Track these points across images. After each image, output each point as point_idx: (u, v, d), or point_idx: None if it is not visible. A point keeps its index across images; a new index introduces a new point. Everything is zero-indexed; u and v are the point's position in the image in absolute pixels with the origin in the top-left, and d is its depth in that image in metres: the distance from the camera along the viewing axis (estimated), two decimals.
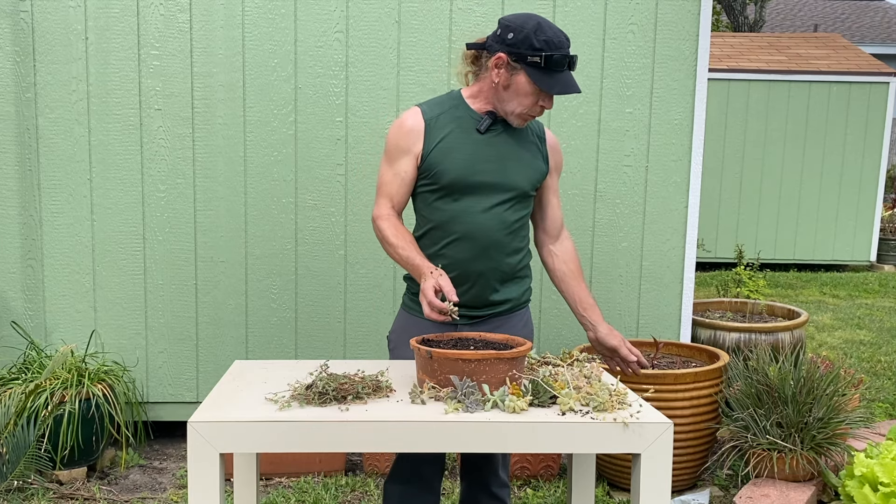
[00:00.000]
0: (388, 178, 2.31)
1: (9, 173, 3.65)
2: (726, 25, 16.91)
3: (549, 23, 2.19)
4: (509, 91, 2.20)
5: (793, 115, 8.97)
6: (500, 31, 2.19)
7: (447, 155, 2.24)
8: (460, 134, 2.25)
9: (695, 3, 3.69)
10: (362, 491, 3.38)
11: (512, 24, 2.17)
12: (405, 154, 2.26)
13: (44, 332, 3.71)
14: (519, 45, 2.14)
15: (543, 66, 2.14)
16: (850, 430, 3.18)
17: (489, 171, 2.25)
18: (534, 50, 2.13)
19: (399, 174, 2.28)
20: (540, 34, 2.14)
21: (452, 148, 2.24)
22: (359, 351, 3.80)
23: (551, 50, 2.14)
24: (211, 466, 1.74)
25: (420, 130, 2.25)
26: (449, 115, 2.27)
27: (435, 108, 2.29)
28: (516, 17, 2.20)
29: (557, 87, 2.16)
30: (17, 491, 3.20)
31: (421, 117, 2.26)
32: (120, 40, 3.60)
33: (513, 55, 2.16)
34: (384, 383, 2.00)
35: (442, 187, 2.26)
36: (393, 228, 2.28)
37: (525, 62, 2.15)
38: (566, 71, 2.18)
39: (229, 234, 3.72)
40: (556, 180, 2.42)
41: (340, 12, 3.64)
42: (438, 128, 2.25)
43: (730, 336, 3.99)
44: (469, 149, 2.24)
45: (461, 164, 2.23)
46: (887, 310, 7.35)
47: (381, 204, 2.33)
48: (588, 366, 2.07)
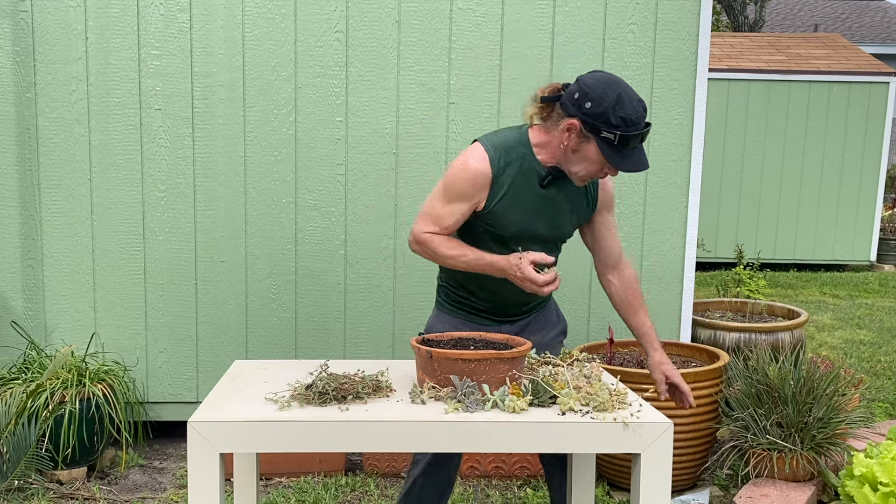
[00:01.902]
0: (442, 212, 2.27)
1: (9, 173, 3.65)
2: (726, 25, 16.91)
3: (630, 94, 2.12)
4: (577, 155, 2.18)
5: (793, 115, 8.96)
6: (578, 94, 2.12)
7: (508, 210, 2.26)
8: (523, 188, 2.26)
9: (695, 3, 3.69)
10: (362, 491, 3.38)
11: (591, 93, 2.11)
12: (466, 200, 2.25)
13: (44, 332, 3.71)
14: (595, 117, 2.10)
15: (616, 144, 2.11)
16: (850, 430, 3.18)
17: (545, 225, 2.32)
18: (610, 126, 2.09)
19: (454, 214, 2.26)
20: (619, 110, 2.08)
21: (514, 203, 2.26)
22: (359, 351, 3.80)
23: (627, 128, 2.09)
24: (211, 466, 1.74)
25: (486, 182, 2.23)
26: (515, 166, 2.24)
27: (502, 154, 2.24)
28: (597, 83, 2.13)
29: (626, 165, 2.14)
30: (18, 491, 3.20)
31: (488, 165, 2.22)
32: (120, 40, 3.60)
33: (587, 125, 2.12)
34: (384, 383, 2.00)
35: (496, 235, 2.31)
36: (444, 241, 2.28)
37: (598, 135, 2.12)
38: (638, 147, 2.15)
39: (229, 234, 3.72)
40: (608, 216, 2.42)
41: (340, 12, 3.64)
42: (503, 181, 2.24)
43: (730, 336, 3.99)
44: (529, 204, 2.27)
45: (519, 220, 2.28)
46: (887, 310, 7.34)
47: (427, 226, 2.29)
48: (588, 366, 2.07)
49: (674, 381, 2.36)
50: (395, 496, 3.32)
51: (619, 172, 2.20)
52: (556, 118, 2.20)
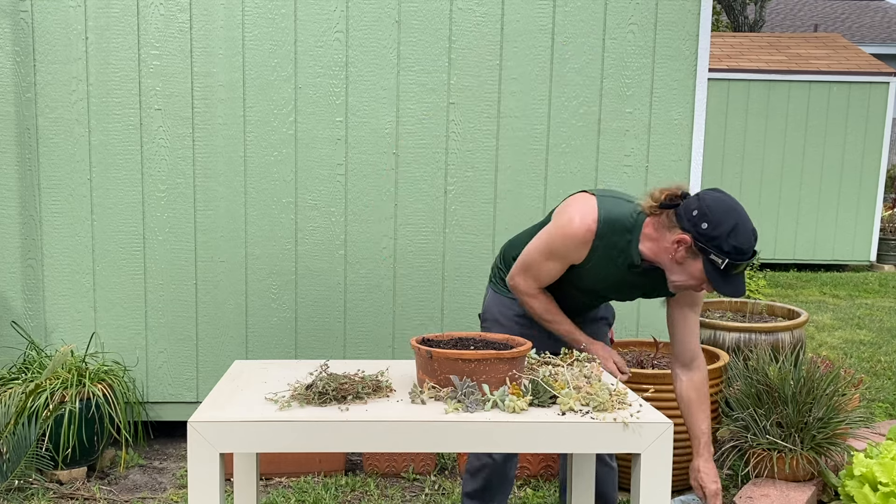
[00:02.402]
0: (541, 268, 2.41)
1: (9, 173, 3.65)
2: (726, 25, 16.91)
3: (746, 224, 2.15)
4: (680, 267, 2.22)
5: (793, 115, 8.96)
6: (697, 212, 2.15)
7: (589, 273, 2.39)
8: (611, 264, 2.35)
9: (695, 2, 3.69)
10: (362, 491, 3.38)
11: (710, 216, 2.13)
12: (564, 260, 2.38)
13: (44, 332, 3.71)
14: (709, 239, 2.13)
15: (722, 269, 2.15)
16: (850, 430, 3.18)
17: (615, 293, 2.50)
18: (720, 252, 2.12)
19: (552, 272, 2.41)
20: (733, 238, 2.11)
21: (597, 271, 2.38)
22: (359, 351, 3.80)
23: (736, 257, 2.13)
24: (211, 466, 1.74)
25: (585, 250, 2.33)
26: (615, 245, 2.31)
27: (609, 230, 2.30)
28: (717, 205, 2.15)
29: (727, 289, 2.18)
30: (18, 490, 3.20)
31: (593, 236, 2.30)
32: (120, 40, 3.60)
33: (699, 244, 2.15)
34: (384, 383, 2.00)
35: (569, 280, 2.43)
36: (544, 304, 2.46)
37: (707, 256, 2.15)
38: (741, 273, 2.19)
39: (229, 234, 3.72)
40: (688, 312, 2.44)
41: (340, 12, 3.64)
42: (598, 250, 2.33)
43: (730, 336, 3.99)
44: (610, 276, 2.38)
45: (594, 284, 2.44)
46: (887, 310, 7.34)
47: (529, 283, 2.45)
48: (588, 366, 2.07)
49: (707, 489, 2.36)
50: (395, 496, 3.32)
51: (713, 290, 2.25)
52: (669, 223, 2.22)
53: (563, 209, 2.40)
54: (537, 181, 3.76)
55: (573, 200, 2.39)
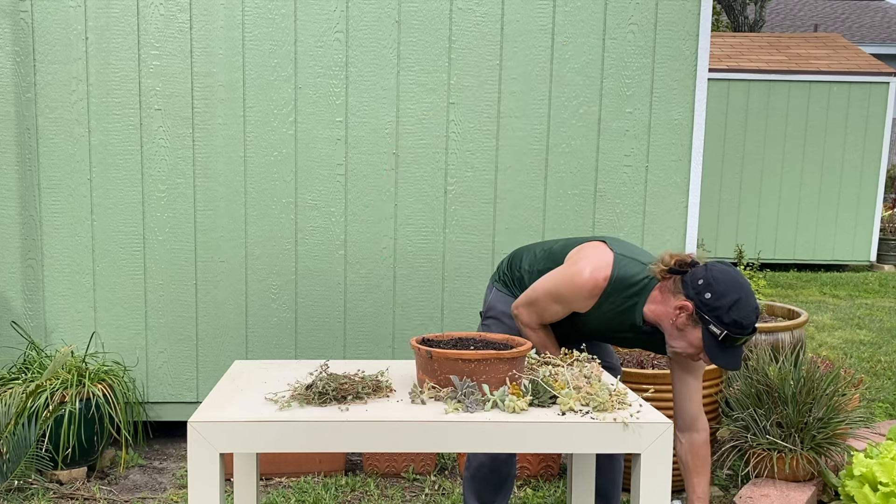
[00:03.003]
0: (547, 307, 2.42)
1: (9, 173, 3.65)
2: (726, 25, 16.91)
3: (749, 301, 2.16)
4: (681, 333, 2.24)
5: (793, 115, 8.97)
6: (703, 282, 2.17)
7: (589, 322, 2.42)
8: (614, 318, 2.37)
9: (695, 3, 3.69)
10: (362, 491, 3.38)
11: (714, 286, 2.16)
12: (569, 307, 2.40)
13: (44, 332, 3.71)
14: (710, 309, 2.15)
15: (720, 340, 2.17)
16: (850, 430, 3.18)
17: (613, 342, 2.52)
18: (720, 323, 2.14)
19: (556, 313, 2.42)
20: (734, 312, 2.13)
21: (599, 323, 2.41)
22: (359, 351, 3.80)
23: (735, 330, 2.15)
24: (211, 466, 1.74)
25: (592, 302, 2.35)
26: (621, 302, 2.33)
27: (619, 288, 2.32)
28: (724, 278, 2.17)
29: (722, 360, 2.19)
30: (18, 491, 3.20)
31: (602, 290, 2.32)
32: (120, 40, 3.60)
33: (699, 312, 2.17)
34: (384, 383, 2.00)
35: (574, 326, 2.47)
36: (542, 339, 2.48)
37: (707, 325, 2.17)
38: (739, 347, 2.20)
39: (229, 234, 3.72)
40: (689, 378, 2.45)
41: (340, 12, 3.64)
42: (604, 306, 2.35)
43: None
44: (611, 329, 2.42)
45: (594, 333, 2.47)
46: (887, 310, 7.34)
47: (531, 317, 2.46)
48: (588, 366, 2.07)
49: None
50: (395, 496, 3.32)
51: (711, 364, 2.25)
52: (674, 289, 2.24)
53: (578, 256, 2.40)
54: (537, 181, 3.76)
55: (591, 249, 2.40)
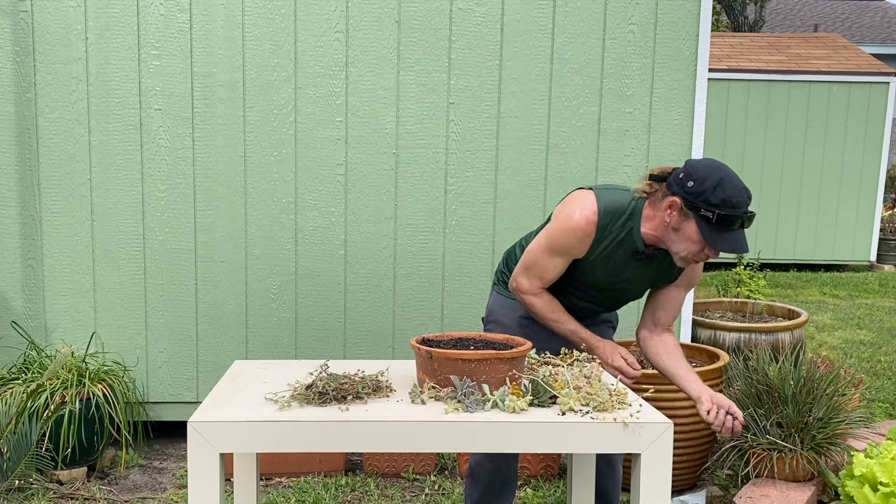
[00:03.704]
0: (545, 265, 2.41)
1: (9, 173, 3.65)
2: (726, 25, 16.91)
3: (734, 180, 2.18)
4: (678, 234, 2.24)
5: (793, 115, 8.96)
6: (683, 174, 2.20)
7: (596, 266, 2.40)
8: (617, 253, 2.37)
9: (695, 3, 3.69)
10: (362, 491, 3.38)
11: (695, 173, 2.18)
12: (568, 255, 2.39)
13: (44, 332, 3.71)
14: (696, 195, 2.17)
15: (714, 222, 2.16)
16: (850, 430, 3.18)
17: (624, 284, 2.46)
18: (709, 205, 2.15)
19: (557, 267, 2.41)
20: (719, 191, 2.14)
21: (604, 263, 2.39)
22: (359, 351, 3.80)
23: (726, 209, 2.15)
24: (211, 466, 1.74)
25: (588, 242, 2.35)
26: (618, 233, 2.34)
27: (610, 220, 2.33)
28: (703, 166, 2.20)
29: (723, 244, 2.18)
30: (18, 490, 3.20)
31: (594, 228, 2.33)
32: (120, 40, 3.60)
33: (688, 203, 2.18)
34: (384, 383, 2.00)
35: (576, 279, 2.44)
36: (547, 304, 2.45)
37: (698, 213, 2.17)
38: (738, 229, 2.19)
39: (229, 234, 3.72)
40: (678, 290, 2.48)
41: (340, 12, 3.64)
42: (603, 243, 2.35)
43: (730, 336, 3.99)
44: (617, 267, 2.40)
45: (603, 277, 2.43)
46: (887, 310, 7.34)
47: (532, 282, 2.44)
48: (588, 366, 2.07)
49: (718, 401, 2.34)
50: (395, 496, 3.32)
51: (718, 254, 2.24)
52: (662, 196, 2.26)
53: (562, 206, 2.41)
54: (537, 181, 3.76)
55: (572, 197, 2.41)
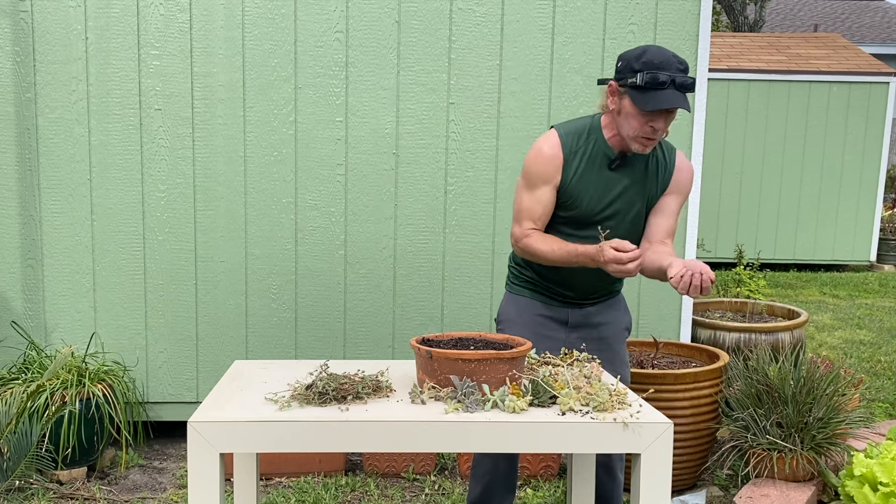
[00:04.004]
0: (529, 204, 2.43)
1: (9, 173, 3.65)
2: (726, 25, 16.91)
3: (658, 49, 2.25)
4: (622, 116, 2.30)
5: (793, 115, 8.96)
6: (616, 63, 2.33)
7: (579, 190, 2.39)
8: (593, 170, 2.39)
9: (695, 3, 3.69)
10: (362, 491, 3.38)
11: (623, 55, 2.30)
12: (546, 183, 2.40)
13: (44, 332, 3.71)
14: (623, 70, 2.26)
15: (642, 86, 2.21)
16: (850, 430, 3.18)
17: (614, 206, 2.41)
18: (633, 72, 2.22)
19: (541, 200, 2.42)
20: (641, 58, 2.23)
21: (585, 184, 2.39)
22: (359, 351, 3.80)
23: (649, 69, 2.20)
24: (211, 466, 1.74)
25: (558, 164, 2.38)
26: (585, 149, 2.39)
27: (573, 139, 2.40)
28: (630, 49, 2.31)
29: (651, 103, 2.21)
30: (18, 490, 3.20)
31: (559, 149, 2.38)
32: (120, 40, 3.60)
33: (619, 81, 2.28)
34: (384, 383, 2.00)
35: (570, 217, 2.42)
36: (540, 239, 2.41)
37: (627, 85, 2.24)
38: (668, 89, 2.21)
39: (229, 234, 3.72)
40: (668, 198, 2.46)
41: (340, 12, 3.64)
42: (574, 163, 2.38)
43: (730, 336, 3.99)
44: (599, 185, 2.39)
45: (590, 200, 2.40)
46: (887, 310, 7.35)
47: (522, 225, 2.45)
48: (588, 366, 2.07)
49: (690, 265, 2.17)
50: (395, 496, 3.32)
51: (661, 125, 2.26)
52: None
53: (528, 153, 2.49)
54: None
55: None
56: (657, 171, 2.44)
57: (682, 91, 2.23)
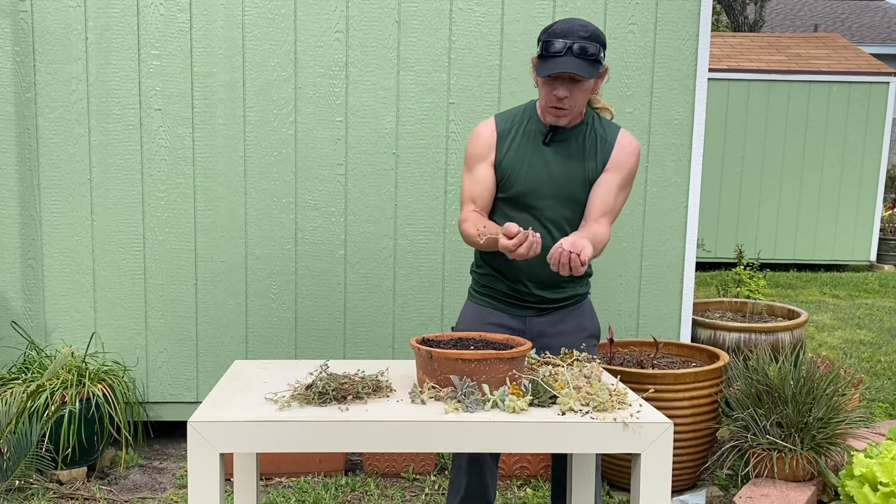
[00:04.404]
0: (468, 185, 2.44)
1: (9, 173, 3.65)
2: (726, 25, 16.91)
3: (569, 19, 2.28)
4: (538, 89, 2.34)
5: (793, 115, 8.96)
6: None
7: (514, 167, 2.38)
8: (528, 146, 2.38)
9: (695, 3, 3.69)
10: (362, 491, 3.38)
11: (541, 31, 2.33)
12: (482, 160, 2.41)
13: (44, 332, 3.71)
14: (537, 44, 2.30)
15: (542, 55, 2.26)
16: (850, 430, 3.18)
17: (551, 184, 2.37)
18: (538, 43, 2.27)
19: (479, 179, 2.41)
20: (548, 28, 2.26)
21: (520, 160, 2.38)
22: (359, 351, 3.80)
23: (548, 37, 2.24)
24: (211, 466, 1.74)
25: (493, 142, 2.40)
26: (519, 126, 2.41)
27: (507, 118, 2.44)
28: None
29: (545, 69, 2.24)
30: (18, 490, 3.20)
31: (494, 128, 2.42)
32: (120, 40, 3.60)
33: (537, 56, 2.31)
34: (384, 383, 2.00)
35: (509, 197, 2.40)
36: (473, 222, 2.35)
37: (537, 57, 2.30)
38: (565, 56, 2.21)
39: (229, 234, 3.72)
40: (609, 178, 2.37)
41: (340, 12, 3.64)
42: (508, 139, 2.39)
43: (730, 336, 3.99)
44: (535, 162, 2.37)
45: (526, 175, 2.37)
46: (887, 310, 7.34)
47: (464, 209, 2.44)
48: (588, 366, 2.07)
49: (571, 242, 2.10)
50: (395, 496, 3.32)
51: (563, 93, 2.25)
52: None
53: None
54: None
55: None
56: (596, 148, 2.38)
57: (584, 58, 2.20)
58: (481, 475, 2.55)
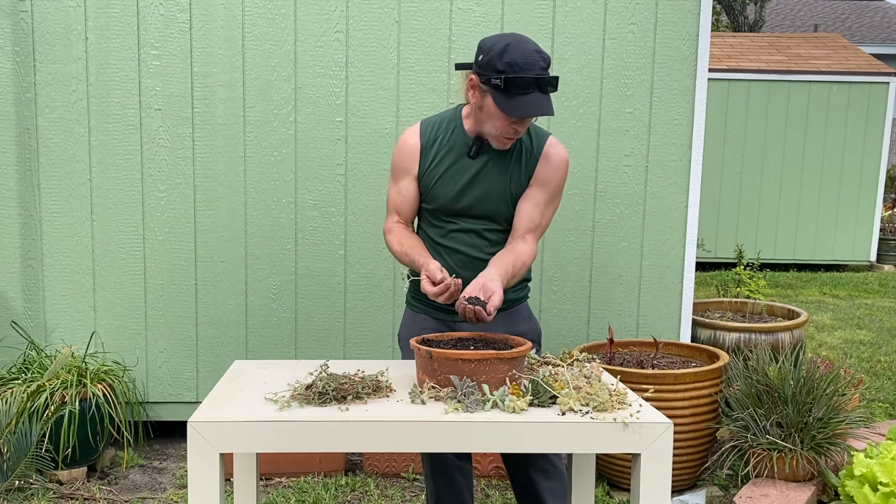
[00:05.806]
0: (392, 196, 2.42)
1: (9, 173, 3.65)
2: (726, 25, 16.91)
3: (524, 43, 2.13)
4: (483, 113, 2.21)
5: (793, 115, 8.96)
6: (477, 51, 2.19)
7: (437, 179, 2.33)
8: (451, 158, 2.32)
9: (695, 3, 3.69)
10: (362, 491, 3.38)
11: (484, 46, 2.16)
12: (406, 174, 2.37)
13: (44, 332, 3.71)
14: (485, 67, 2.13)
15: (504, 89, 2.11)
16: (850, 430, 3.18)
17: (474, 197, 2.32)
18: (496, 72, 2.11)
19: (402, 192, 2.39)
20: (505, 56, 2.10)
21: (443, 174, 2.33)
22: (359, 351, 3.80)
23: (514, 72, 2.09)
24: (211, 466, 1.74)
25: (416, 153, 2.34)
26: (444, 137, 2.33)
27: (432, 127, 2.36)
28: (492, 37, 2.18)
29: (518, 110, 2.12)
30: (18, 490, 3.20)
31: (417, 137, 2.35)
32: (120, 40, 3.60)
33: (481, 77, 2.16)
34: (384, 383, 2.00)
35: (433, 208, 2.37)
36: (397, 237, 2.38)
37: (490, 85, 2.14)
38: (533, 93, 2.11)
39: (229, 234, 3.72)
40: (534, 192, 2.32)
41: (340, 12, 3.64)
42: (432, 151, 2.33)
43: (730, 336, 3.99)
44: (459, 175, 2.32)
45: (449, 190, 2.33)
46: (887, 310, 7.34)
47: (388, 219, 2.44)
48: (588, 366, 2.07)
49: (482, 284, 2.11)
50: (395, 496, 3.32)
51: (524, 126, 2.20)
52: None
53: None
54: None
55: None
56: (521, 159, 2.31)
57: (547, 91, 2.13)
58: (449, 477, 2.50)
